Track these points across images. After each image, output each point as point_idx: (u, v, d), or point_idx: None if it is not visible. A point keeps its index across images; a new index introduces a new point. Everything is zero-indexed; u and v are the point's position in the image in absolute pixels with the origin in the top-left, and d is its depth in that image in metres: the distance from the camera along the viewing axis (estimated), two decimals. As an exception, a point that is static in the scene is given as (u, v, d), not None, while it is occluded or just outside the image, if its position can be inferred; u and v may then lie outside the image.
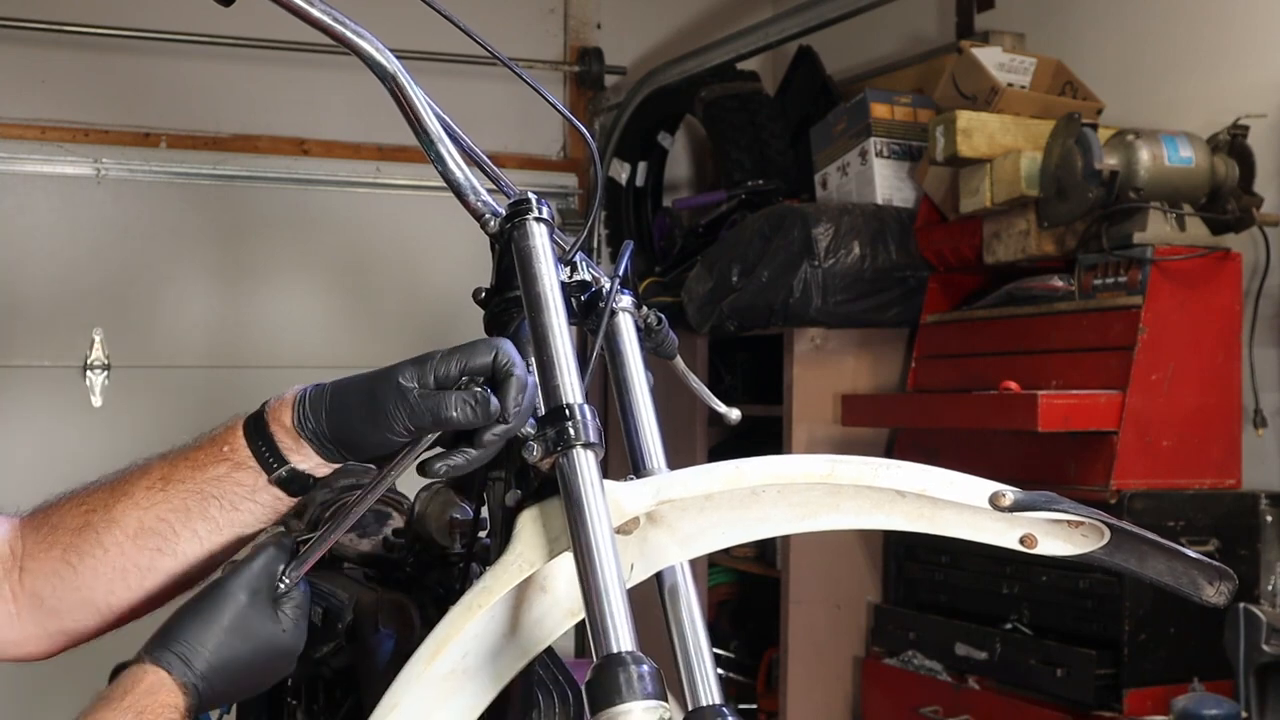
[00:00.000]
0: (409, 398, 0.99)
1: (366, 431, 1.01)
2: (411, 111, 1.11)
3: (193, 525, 1.05)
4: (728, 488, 1.02)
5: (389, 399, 0.99)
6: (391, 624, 1.23)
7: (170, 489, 1.06)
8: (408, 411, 0.99)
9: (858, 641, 3.33)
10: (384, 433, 1.00)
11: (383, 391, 1.00)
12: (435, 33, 1.46)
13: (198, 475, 1.06)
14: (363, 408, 1.01)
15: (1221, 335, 2.77)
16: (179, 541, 1.05)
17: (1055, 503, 1.01)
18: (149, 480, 1.07)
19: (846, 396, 3.27)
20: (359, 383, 1.02)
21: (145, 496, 1.06)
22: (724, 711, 1.03)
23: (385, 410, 0.99)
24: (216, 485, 1.05)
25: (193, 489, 1.05)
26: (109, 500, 1.08)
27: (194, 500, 1.05)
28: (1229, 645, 2.35)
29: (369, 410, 1.00)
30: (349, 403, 1.02)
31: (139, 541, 1.05)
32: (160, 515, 1.05)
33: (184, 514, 1.05)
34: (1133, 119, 2.95)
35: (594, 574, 0.93)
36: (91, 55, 3.93)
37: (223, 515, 1.05)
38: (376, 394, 1.00)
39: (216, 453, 1.06)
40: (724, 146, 3.86)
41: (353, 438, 1.02)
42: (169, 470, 1.07)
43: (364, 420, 1.01)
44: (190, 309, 4.05)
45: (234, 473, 1.05)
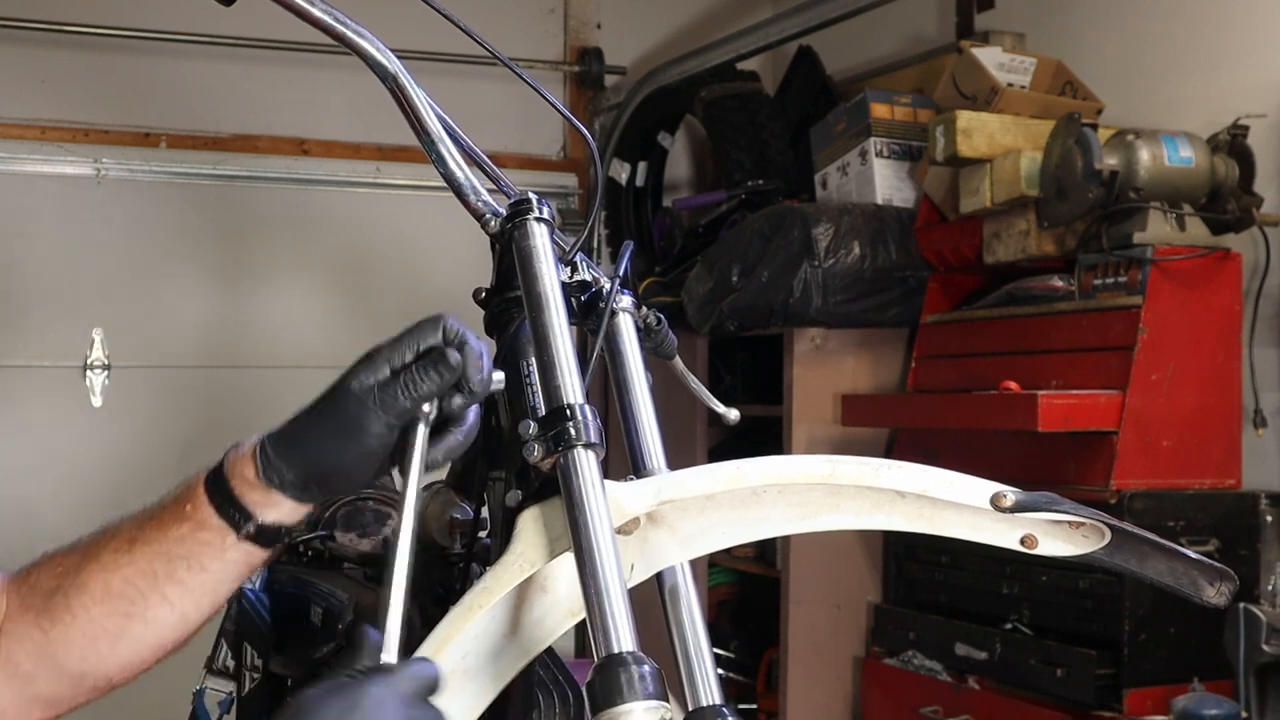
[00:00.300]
0: (374, 394, 0.97)
1: (341, 452, 0.97)
2: (412, 111, 1.11)
3: (160, 589, 1.01)
4: (728, 488, 1.02)
5: (352, 405, 0.97)
6: (391, 624, 1.23)
7: (136, 551, 1.01)
8: (381, 406, 0.96)
9: (858, 641, 3.33)
10: (362, 442, 0.97)
11: (343, 402, 0.97)
12: (435, 33, 1.46)
13: (162, 537, 1.01)
14: (329, 429, 0.98)
15: (1221, 335, 2.77)
16: (148, 606, 1.01)
17: (1056, 503, 1.01)
18: (116, 543, 1.03)
19: (846, 396, 3.27)
20: (313, 410, 0.99)
21: (112, 559, 1.02)
22: (724, 712, 1.03)
23: (354, 419, 0.97)
24: (181, 546, 1.01)
25: (158, 551, 1.01)
26: (79, 563, 1.03)
27: (160, 563, 1.01)
28: (1229, 645, 2.35)
29: (336, 428, 0.97)
30: (312, 432, 0.99)
31: (106, 606, 1.01)
32: (126, 579, 1.01)
33: (150, 578, 1.01)
34: (1133, 119, 2.95)
35: (595, 574, 0.93)
36: (91, 55, 3.93)
37: (191, 577, 1.01)
38: (338, 409, 0.97)
39: (179, 512, 1.01)
40: (724, 146, 3.86)
41: (327, 467, 0.98)
42: (135, 532, 1.02)
43: (335, 441, 0.97)
44: (190, 309, 4.05)
45: (198, 532, 1.00)
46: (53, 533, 1.41)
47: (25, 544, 1.17)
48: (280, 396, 4.37)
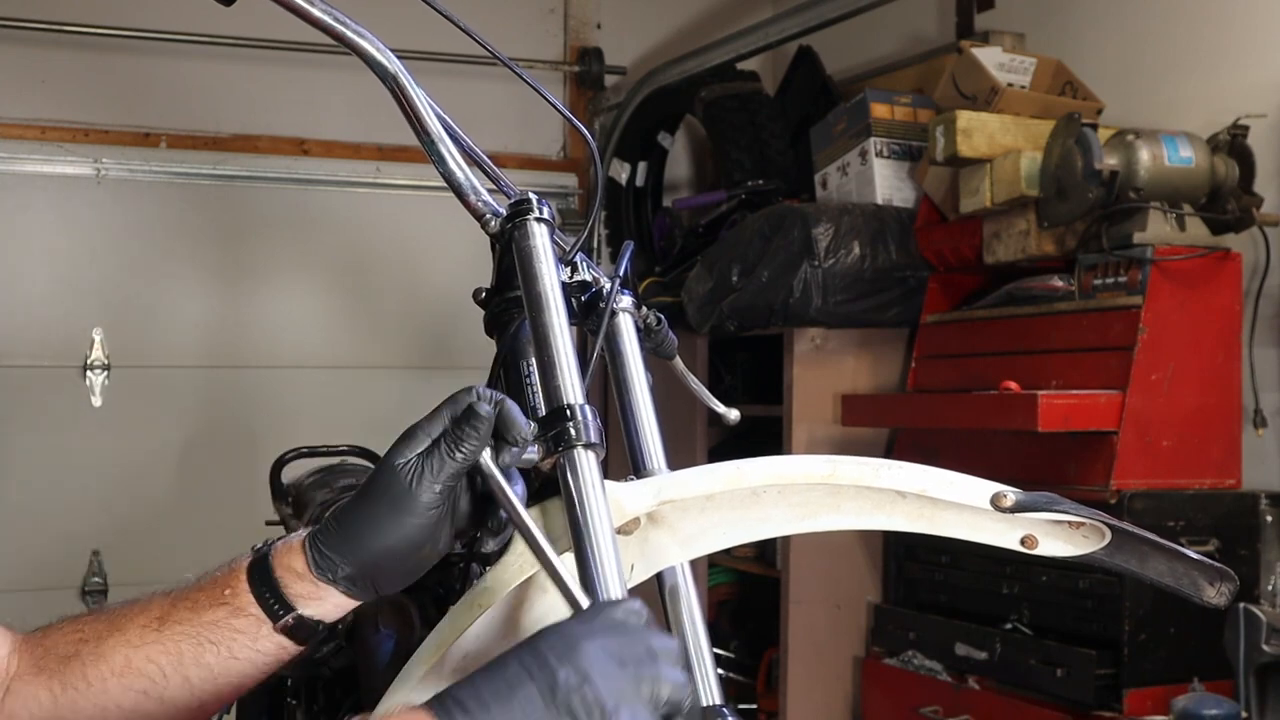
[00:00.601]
0: (420, 463, 0.96)
1: (396, 531, 0.96)
2: (412, 111, 1.11)
3: (184, 671, 0.98)
4: (728, 488, 1.02)
5: (401, 479, 0.96)
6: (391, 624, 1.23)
7: (165, 629, 0.99)
8: (429, 473, 0.95)
9: (858, 641, 3.33)
10: (416, 513, 0.95)
11: (390, 479, 0.96)
12: (435, 33, 1.47)
13: (196, 618, 0.98)
14: (381, 509, 0.96)
15: (1221, 335, 2.77)
16: (167, 687, 0.98)
17: (1056, 504, 1.01)
18: (145, 618, 1.00)
19: (846, 396, 3.27)
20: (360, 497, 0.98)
21: (138, 634, 0.99)
22: (724, 711, 1.03)
23: (405, 492, 0.95)
24: (214, 630, 0.98)
25: (189, 632, 0.98)
26: (103, 632, 1.00)
27: (188, 644, 0.98)
28: (1229, 645, 2.35)
29: (389, 506, 0.96)
30: (363, 516, 0.97)
31: (124, 681, 0.98)
32: (150, 656, 0.98)
33: (176, 658, 0.98)
34: (1133, 119, 2.95)
35: (595, 574, 0.93)
36: (91, 55, 3.93)
37: (219, 663, 0.98)
38: (387, 486, 0.96)
39: (217, 595, 0.99)
40: (724, 146, 3.86)
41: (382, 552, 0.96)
42: (168, 609, 1.00)
43: (389, 519, 0.96)
44: (190, 309, 4.05)
45: (233, 619, 0.98)
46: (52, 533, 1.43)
47: (25, 544, 1.17)
48: (280, 396, 4.39)
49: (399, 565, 0.98)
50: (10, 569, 3.68)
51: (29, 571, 3.67)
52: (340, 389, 4.11)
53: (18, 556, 3.71)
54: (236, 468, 3.86)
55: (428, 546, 0.97)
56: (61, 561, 3.79)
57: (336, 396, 4.09)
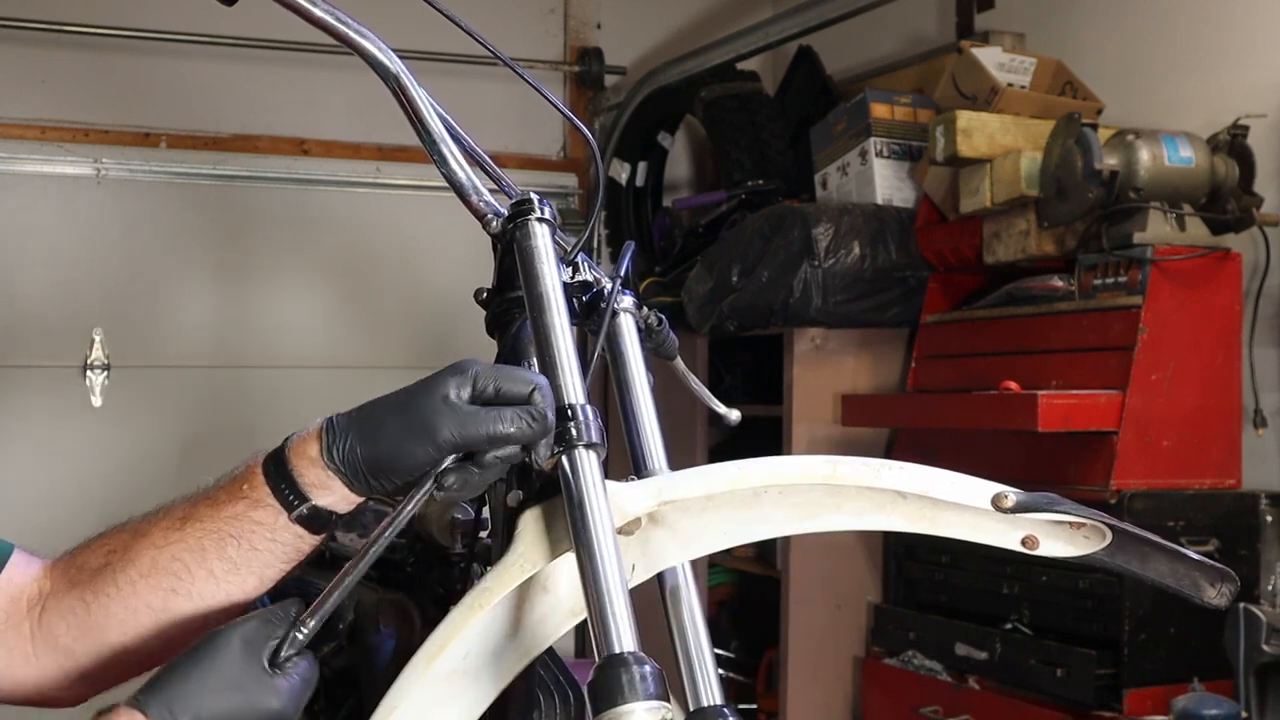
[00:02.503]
0: (459, 410, 0.96)
1: (406, 451, 0.97)
2: (414, 111, 1.11)
3: (208, 565, 1.02)
4: (729, 488, 1.02)
5: (435, 412, 0.96)
6: (392, 624, 1.23)
7: (187, 528, 1.03)
8: (457, 424, 0.96)
9: (858, 641, 3.33)
10: (427, 448, 0.96)
11: (425, 405, 0.97)
12: (436, 32, 1.46)
13: (215, 514, 1.02)
14: (402, 425, 0.97)
15: (1221, 335, 2.77)
16: (194, 582, 1.02)
17: (1057, 504, 1.01)
18: (169, 520, 1.04)
19: (846, 396, 3.27)
20: (390, 400, 1.00)
21: (162, 536, 1.03)
22: (725, 712, 1.03)
23: (431, 424, 0.96)
24: (234, 524, 1.02)
25: (210, 528, 1.02)
26: (129, 540, 1.05)
27: (210, 540, 1.02)
28: (1229, 645, 2.35)
29: (409, 426, 0.97)
30: (384, 422, 0.98)
31: (152, 581, 1.02)
32: (174, 554, 1.02)
33: (199, 553, 1.02)
34: (1133, 119, 2.95)
35: (596, 574, 0.93)
36: (91, 55, 3.93)
37: (240, 555, 1.02)
38: (418, 408, 0.97)
39: (235, 491, 1.02)
40: (724, 146, 3.86)
41: (389, 459, 0.98)
42: (189, 510, 1.04)
43: (403, 437, 0.97)
44: (190, 309, 4.05)
45: (251, 511, 1.01)
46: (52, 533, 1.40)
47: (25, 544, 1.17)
48: (280, 396, 4.39)
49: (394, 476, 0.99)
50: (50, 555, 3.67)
51: (29, 571, 3.66)
52: (340, 389, 4.09)
53: (18, 556, 3.71)
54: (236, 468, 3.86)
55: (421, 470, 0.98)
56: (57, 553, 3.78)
57: (336, 396, 4.03)
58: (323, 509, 1.02)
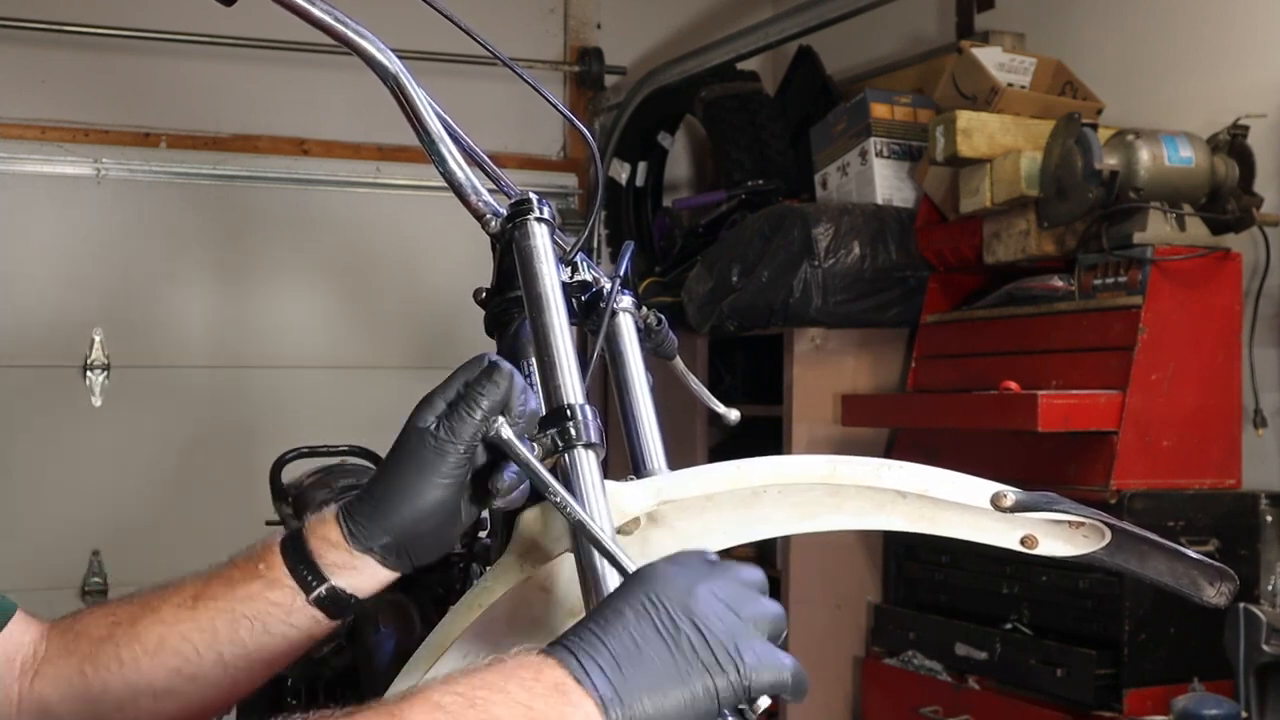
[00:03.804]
0: (441, 425, 0.96)
1: (426, 494, 0.96)
2: (413, 111, 1.11)
3: (219, 648, 0.98)
4: (729, 488, 1.02)
5: (425, 443, 0.96)
6: (392, 624, 1.23)
7: (200, 606, 0.98)
8: (450, 434, 0.95)
9: (858, 641, 3.33)
10: (444, 473, 0.95)
11: (415, 444, 0.96)
12: (436, 33, 1.46)
13: (230, 593, 0.98)
14: (409, 475, 0.96)
15: (1221, 335, 2.76)
16: (201, 664, 0.98)
17: (1056, 503, 1.01)
18: (180, 597, 1.00)
19: (846, 396, 3.27)
20: (385, 468, 0.98)
21: (173, 613, 0.99)
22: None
23: (430, 454, 0.96)
24: (249, 604, 0.98)
25: (223, 608, 0.98)
26: (136, 614, 1.00)
27: (223, 620, 0.98)
28: (1229, 645, 2.35)
29: (416, 470, 0.96)
30: (393, 484, 0.97)
31: (157, 660, 0.98)
32: (184, 634, 0.98)
33: (210, 635, 0.98)
34: (1133, 119, 2.95)
35: (595, 575, 0.93)
36: (91, 55, 3.93)
37: (253, 639, 0.98)
38: (411, 452, 0.96)
39: (251, 570, 0.99)
40: (724, 146, 3.86)
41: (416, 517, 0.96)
42: (201, 588, 1.00)
43: (417, 483, 0.96)
44: (190, 309, 4.05)
45: (267, 591, 0.98)
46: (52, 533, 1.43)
47: (25, 544, 1.17)
48: (280, 396, 4.39)
49: (432, 531, 0.98)
50: (10, 569, 3.68)
51: (29, 571, 3.66)
52: (340, 389, 4.11)
53: (17, 556, 3.71)
54: (236, 468, 3.86)
55: (458, 512, 0.97)
56: (61, 561, 3.79)
57: (336, 396, 4.09)
58: (342, 591, 0.98)
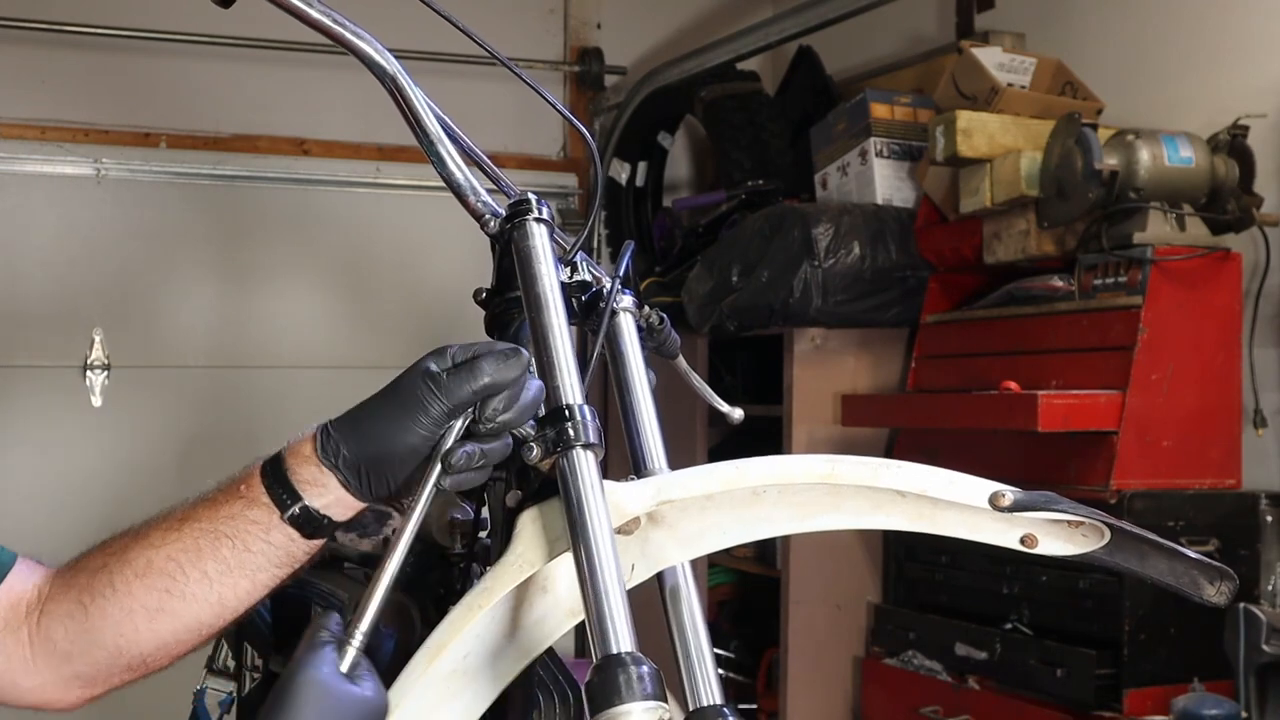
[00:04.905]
0: (439, 378, 0.98)
1: (401, 436, 0.98)
2: (411, 112, 1.11)
3: (202, 565, 1.03)
4: (729, 488, 1.02)
5: (418, 389, 0.98)
6: (391, 624, 1.23)
7: (185, 528, 1.04)
8: (442, 391, 0.98)
9: (858, 641, 3.33)
10: (420, 424, 0.98)
11: (409, 386, 0.99)
12: (435, 33, 1.46)
13: (213, 514, 1.03)
14: (392, 411, 0.99)
15: (1221, 335, 2.77)
16: (187, 582, 1.03)
17: (1055, 503, 1.01)
18: (167, 522, 1.05)
19: (846, 396, 3.27)
20: (376, 395, 1.01)
21: (160, 537, 1.04)
22: (724, 712, 1.03)
23: (417, 400, 0.98)
24: (229, 524, 1.03)
25: (206, 528, 1.03)
26: (128, 543, 1.06)
27: (206, 539, 1.03)
28: (1229, 645, 2.36)
29: (399, 410, 0.99)
30: (375, 414, 1.00)
31: (147, 581, 1.03)
32: (170, 555, 1.03)
33: (194, 554, 1.03)
34: (1133, 119, 2.95)
35: (594, 574, 0.93)
36: (91, 55, 3.93)
37: (234, 555, 1.02)
38: (403, 392, 0.99)
39: (233, 492, 1.04)
40: (724, 146, 3.86)
41: (386, 448, 0.99)
42: (187, 512, 1.05)
43: (396, 422, 0.98)
44: (190, 309, 4.05)
45: (247, 510, 1.02)
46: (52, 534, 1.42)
47: (25, 544, 1.17)
48: (280, 396, 4.38)
49: (394, 467, 1.00)
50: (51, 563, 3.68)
51: (29, 571, 3.66)
52: (340, 389, 4.05)
53: (18, 556, 3.71)
54: (236, 468, 3.85)
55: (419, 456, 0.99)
56: (61, 561, 3.78)
57: (336, 396, 4.02)
58: (315, 511, 1.02)
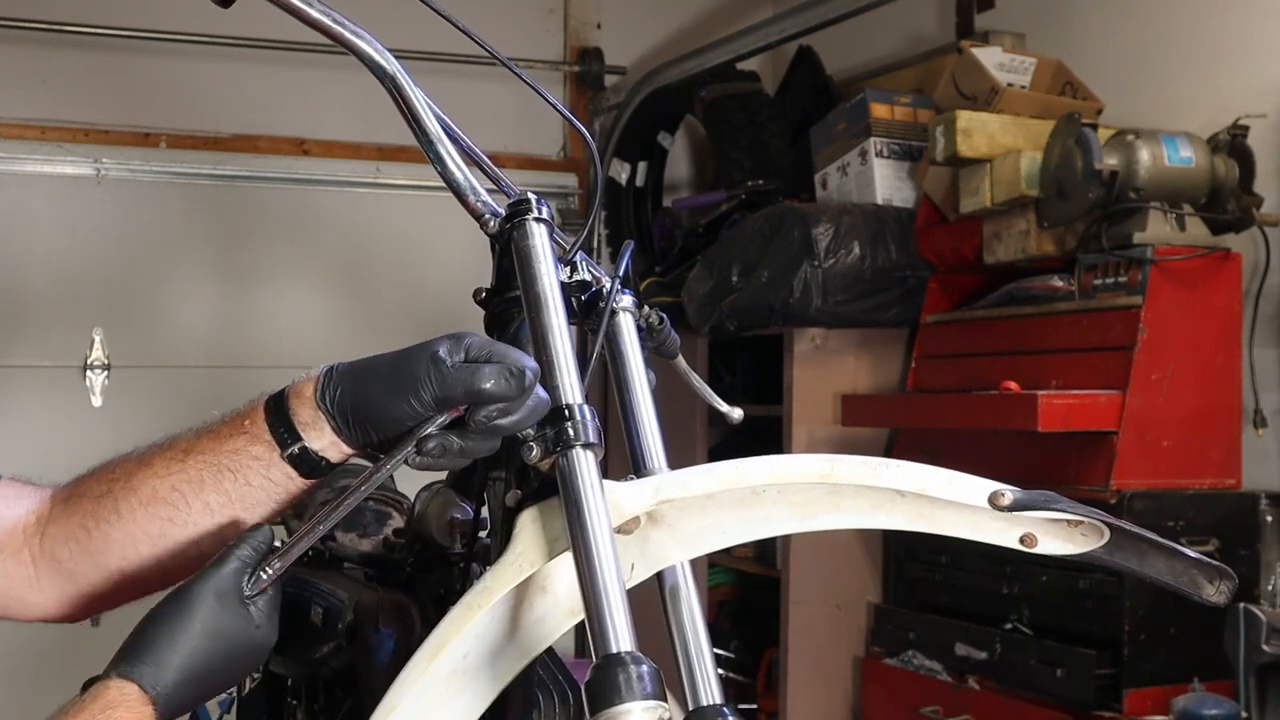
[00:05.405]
0: (442, 366, 0.99)
1: (389, 403, 1.00)
2: (410, 112, 1.11)
3: (205, 496, 1.05)
4: (728, 487, 1.02)
5: (420, 367, 0.99)
6: (391, 624, 1.23)
7: (189, 459, 1.06)
8: (439, 380, 0.98)
9: (858, 641, 3.33)
10: (409, 401, 0.99)
11: (414, 361, 1.00)
12: (435, 33, 1.46)
13: (217, 447, 1.06)
14: (390, 377, 1.00)
15: (1221, 335, 2.77)
16: (190, 511, 1.06)
17: (1054, 502, 1.01)
18: (172, 452, 1.08)
19: (846, 396, 3.27)
20: (387, 356, 1.03)
21: (164, 466, 1.07)
22: (724, 711, 1.03)
23: (415, 378, 0.99)
24: (232, 458, 1.05)
25: (209, 460, 1.06)
26: (132, 469, 1.09)
27: (209, 471, 1.05)
28: (1229, 645, 2.36)
29: (396, 379, 1.00)
30: (375, 373, 1.02)
31: (151, 509, 1.06)
32: (174, 485, 1.06)
33: (198, 484, 1.05)
34: (1133, 119, 2.95)
35: (594, 574, 0.93)
36: (91, 55, 3.93)
37: (235, 489, 1.05)
38: (407, 363, 1.00)
39: (237, 426, 1.06)
40: (724, 146, 3.86)
41: (374, 409, 1.01)
42: (192, 443, 1.08)
43: (390, 389, 1.00)
44: (190, 309, 4.05)
45: (250, 446, 1.05)
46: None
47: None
48: (280, 396, 4.26)
49: (377, 428, 1.01)
50: None
51: (29, 571, 3.67)
52: (340, 389, 4.10)
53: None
54: (236, 468, 3.86)
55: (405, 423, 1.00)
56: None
57: (336, 397, 4.08)
58: (313, 452, 1.04)
